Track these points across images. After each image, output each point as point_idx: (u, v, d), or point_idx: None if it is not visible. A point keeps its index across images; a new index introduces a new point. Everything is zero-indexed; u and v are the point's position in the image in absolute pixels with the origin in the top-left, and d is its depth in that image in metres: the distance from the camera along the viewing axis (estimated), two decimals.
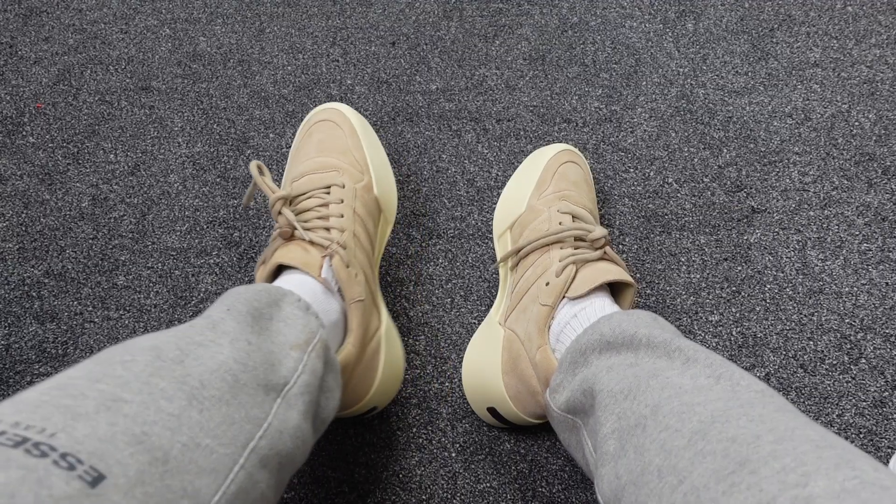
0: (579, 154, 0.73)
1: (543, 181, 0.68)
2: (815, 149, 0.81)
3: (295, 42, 0.93)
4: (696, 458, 0.35)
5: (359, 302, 0.54)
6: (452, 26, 0.93)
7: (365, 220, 0.60)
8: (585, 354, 0.50)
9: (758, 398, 0.38)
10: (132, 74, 0.90)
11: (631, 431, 0.41)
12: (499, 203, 0.71)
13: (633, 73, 0.88)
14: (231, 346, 0.39)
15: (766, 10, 0.94)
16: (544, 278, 0.59)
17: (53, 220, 0.78)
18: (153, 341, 0.37)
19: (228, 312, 0.42)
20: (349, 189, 0.59)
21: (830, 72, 0.88)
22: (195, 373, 0.35)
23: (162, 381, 0.33)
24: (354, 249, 0.56)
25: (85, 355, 0.69)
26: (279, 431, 0.38)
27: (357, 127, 0.67)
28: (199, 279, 0.74)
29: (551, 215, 0.63)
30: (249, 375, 0.38)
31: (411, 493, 0.62)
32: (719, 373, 0.41)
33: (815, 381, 0.67)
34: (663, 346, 0.45)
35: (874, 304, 0.71)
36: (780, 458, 0.32)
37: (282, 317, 0.46)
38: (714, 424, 0.36)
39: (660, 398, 0.40)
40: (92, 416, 0.30)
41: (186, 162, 0.82)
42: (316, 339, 0.46)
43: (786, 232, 0.76)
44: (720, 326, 0.70)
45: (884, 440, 0.64)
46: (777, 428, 0.34)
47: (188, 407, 0.33)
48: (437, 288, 0.73)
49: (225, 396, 0.35)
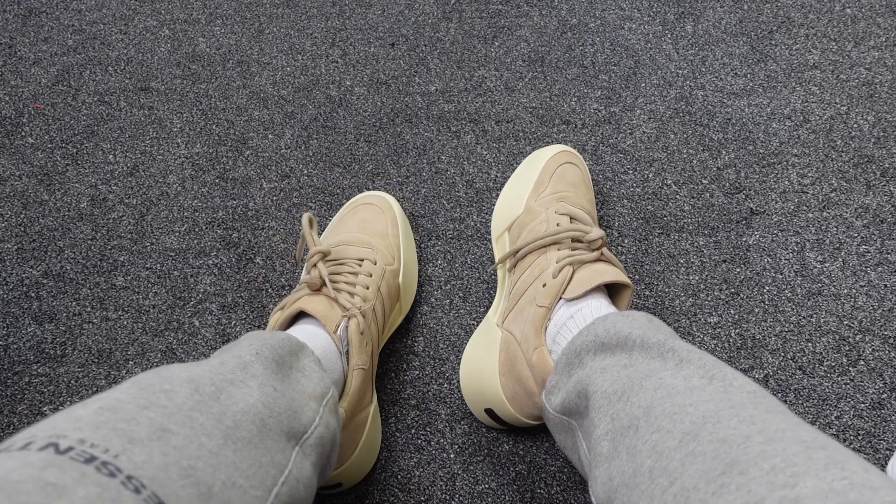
0: (577, 155, 0.73)
1: (541, 182, 0.68)
2: (814, 151, 0.81)
3: (294, 43, 0.93)
4: (687, 459, 0.35)
5: (361, 370, 0.56)
6: (452, 28, 0.94)
7: (385, 301, 0.63)
8: (580, 356, 0.50)
9: (749, 399, 0.38)
10: (131, 75, 0.90)
11: (624, 433, 0.40)
12: (497, 204, 0.71)
13: (632, 75, 0.88)
14: (259, 390, 0.39)
15: (765, 12, 0.94)
16: (541, 279, 0.59)
17: (52, 221, 0.78)
18: (188, 373, 0.37)
19: (257, 356, 0.42)
20: (379, 268, 0.63)
21: (829, 74, 0.88)
22: (229, 412, 0.35)
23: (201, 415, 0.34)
24: (370, 321, 0.59)
25: (83, 356, 0.69)
26: (297, 479, 0.38)
27: (398, 218, 0.71)
28: (197, 280, 0.74)
29: (549, 216, 0.63)
30: (275, 421, 0.38)
31: (410, 495, 0.62)
32: (712, 373, 0.41)
33: (814, 382, 0.67)
34: (657, 346, 0.45)
35: (873, 306, 0.71)
36: (769, 458, 0.32)
37: (300, 367, 0.47)
38: (705, 425, 0.36)
39: (652, 399, 0.40)
40: (146, 442, 0.30)
41: (185, 163, 0.82)
42: (329, 394, 0.48)
43: (784, 234, 0.76)
44: (719, 328, 0.70)
45: (882, 442, 0.64)
46: (768, 429, 0.34)
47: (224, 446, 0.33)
48: (435, 289, 0.73)
49: (254, 439, 0.35)
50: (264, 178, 0.81)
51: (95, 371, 0.69)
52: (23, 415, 0.66)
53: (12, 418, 0.66)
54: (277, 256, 0.75)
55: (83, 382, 0.68)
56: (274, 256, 0.75)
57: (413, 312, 0.72)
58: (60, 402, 0.67)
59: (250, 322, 0.71)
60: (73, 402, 0.67)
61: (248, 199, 0.79)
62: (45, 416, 0.66)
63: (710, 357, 0.43)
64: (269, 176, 0.81)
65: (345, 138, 0.84)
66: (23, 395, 0.67)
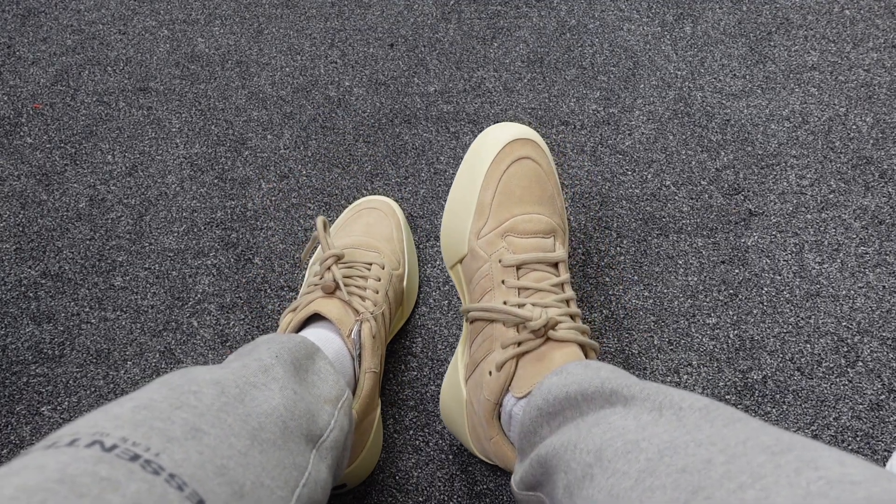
0: (533, 139, 0.60)
1: (482, 209, 0.59)
2: (813, 152, 0.82)
3: (293, 43, 0.93)
4: (645, 495, 0.33)
5: (373, 373, 0.56)
6: (451, 28, 0.94)
7: (391, 305, 0.63)
8: (536, 432, 0.48)
9: (703, 417, 0.36)
10: (130, 75, 0.90)
11: (579, 484, 0.38)
12: (442, 227, 0.63)
13: (631, 76, 0.88)
14: (281, 394, 0.40)
15: (763, 13, 0.94)
16: (488, 363, 0.54)
17: (51, 221, 0.78)
18: (212, 375, 0.38)
19: (277, 359, 0.43)
20: (387, 272, 0.63)
21: (828, 75, 0.88)
22: (254, 413, 0.36)
23: (229, 416, 0.34)
24: (380, 325, 0.59)
25: (81, 356, 0.69)
26: (315, 482, 0.39)
27: (402, 224, 0.71)
28: (196, 280, 0.74)
29: (493, 270, 0.56)
30: (296, 423, 0.39)
31: (408, 496, 0.62)
32: (659, 402, 0.39)
33: (812, 384, 0.67)
34: (598, 393, 0.43)
35: (871, 308, 0.71)
36: (734, 477, 0.30)
37: (315, 370, 0.47)
38: (662, 459, 0.34)
39: (602, 442, 0.38)
40: (182, 441, 0.31)
41: (184, 163, 0.82)
42: (344, 397, 0.48)
43: (783, 235, 0.76)
44: (717, 329, 0.70)
45: (880, 443, 0.64)
46: (728, 446, 0.33)
47: (251, 446, 0.34)
48: (434, 290, 0.73)
49: (278, 441, 0.36)
50: (263, 178, 0.81)
51: (94, 371, 0.69)
52: (21, 415, 0.66)
53: (10, 418, 0.66)
54: (276, 257, 0.75)
55: (81, 383, 0.68)
56: (273, 257, 0.75)
57: (412, 313, 0.72)
58: (59, 402, 0.67)
59: (249, 322, 0.71)
60: (71, 403, 0.67)
61: (247, 199, 0.79)
62: (44, 416, 0.66)
63: (654, 386, 0.41)
64: (267, 176, 0.81)
65: (343, 139, 0.84)
66: (21, 395, 0.67)
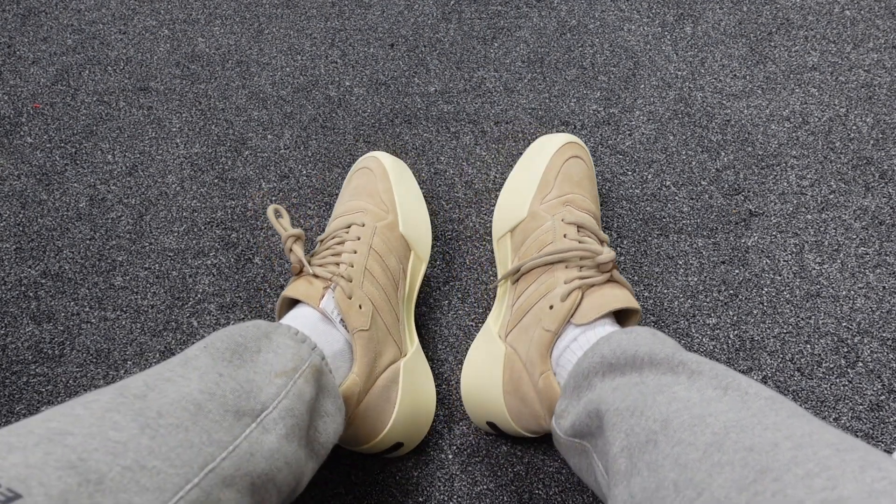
0: (583, 146, 0.70)
1: (546, 183, 0.65)
2: (813, 152, 0.82)
3: (293, 43, 0.93)
4: (714, 469, 0.34)
5: (362, 332, 0.56)
6: (451, 28, 0.94)
7: (384, 256, 0.63)
8: (588, 378, 0.49)
9: (769, 405, 0.38)
10: (130, 75, 0.90)
11: (642, 448, 0.40)
12: (498, 202, 0.69)
13: (632, 76, 0.88)
14: (199, 379, 0.42)
15: (764, 13, 0.94)
16: (548, 300, 0.57)
17: (51, 221, 0.78)
18: (126, 381, 0.41)
19: (205, 349, 0.45)
20: (369, 227, 0.63)
21: (828, 76, 0.88)
22: (154, 405, 0.39)
23: (117, 414, 0.37)
24: (362, 282, 0.59)
25: (81, 356, 0.69)
26: (249, 454, 0.41)
27: (390, 171, 0.70)
28: (196, 280, 0.74)
29: (555, 225, 0.61)
30: (216, 403, 0.41)
31: (408, 496, 0.62)
32: (726, 383, 0.41)
33: (812, 384, 0.67)
34: (666, 361, 0.44)
35: (871, 308, 0.71)
36: (802, 463, 0.31)
37: (272, 347, 0.49)
38: (729, 435, 0.36)
39: (668, 412, 0.40)
40: (30, 448, 0.33)
41: (184, 163, 0.82)
42: (305, 365, 0.49)
43: (783, 235, 0.76)
44: (717, 329, 0.70)
45: (880, 444, 0.64)
46: (794, 434, 0.34)
47: (139, 434, 0.36)
48: (434, 290, 0.73)
49: (185, 423, 0.38)
50: (263, 178, 0.81)
51: (94, 371, 0.69)
52: (21, 415, 0.66)
53: (10, 418, 0.66)
54: (276, 257, 0.75)
55: (81, 382, 0.68)
56: (273, 256, 0.75)
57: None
58: (59, 401, 0.67)
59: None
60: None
61: (247, 199, 0.79)
62: None
63: (721, 367, 0.43)
64: (267, 176, 0.81)
65: (344, 139, 0.84)
66: (21, 394, 0.67)
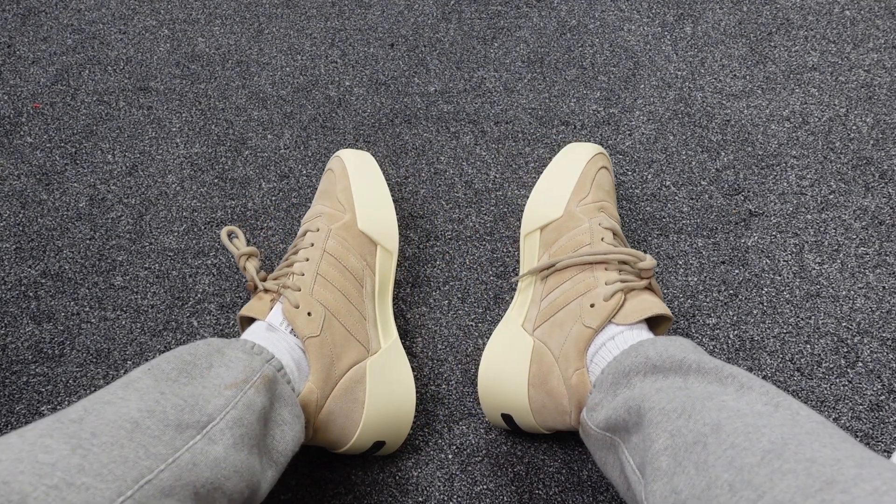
0: (609, 159, 0.72)
1: (582, 186, 0.66)
2: (813, 152, 0.82)
3: (293, 43, 0.93)
4: (775, 475, 0.34)
5: (312, 339, 0.57)
6: (451, 28, 0.94)
7: (341, 258, 0.63)
8: (629, 376, 0.50)
9: (822, 428, 0.38)
10: (130, 75, 0.90)
11: (689, 448, 0.40)
12: (531, 199, 0.68)
13: (632, 76, 0.88)
14: (139, 399, 0.43)
15: (764, 13, 0.94)
16: (589, 298, 0.57)
17: (51, 221, 0.78)
18: (67, 408, 0.42)
19: (149, 371, 0.47)
20: (322, 231, 0.64)
21: (828, 76, 0.88)
22: (89, 426, 0.40)
23: (50, 439, 0.38)
24: (312, 288, 0.60)
25: (81, 356, 0.69)
26: (192, 464, 0.42)
27: (349, 168, 0.70)
28: (196, 280, 0.74)
29: (593, 228, 0.62)
30: (155, 419, 0.42)
31: (408, 495, 0.62)
32: (777, 401, 0.41)
33: (812, 384, 0.67)
34: (714, 371, 0.45)
35: (871, 308, 0.71)
36: (868, 480, 0.32)
37: (224, 362, 0.50)
38: (787, 446, 0.36)
39: (719, 418, 0.40)
40: None
41: (184, 162, 0.82)
42: (256, 375, 0.50)
43: (783, 235, 0.76)
44: (717, 329, 0.70)
45: (880, 444, 0.64)
46: (854, 455, 0.34)
47: (70, 455, 0.37)
48: (434, 290, 0.73)
49: (121, 441, 0.40)
50: (263, 178, 0.81)
51: (94, 371, 0.69)
52: (21, 414, 0.66)
53: (10, 418, 0.66)
54: (276, 257, 0.75)
55: (81, 382, 0.68)
56: (272, 256, 0.75)
57: (411, 313, 0.72)
58: (58, 401, 0.67)
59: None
60: (71, 402, 0.67)
61: (247, 199, 0.79)
62: (44, 415, 0.66)
63: (771, 385, 0.43)
64: (267, 176, 0.81)
65: (344, 139, 0.84)
66: (21, 394, 0.67)
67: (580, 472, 0.63)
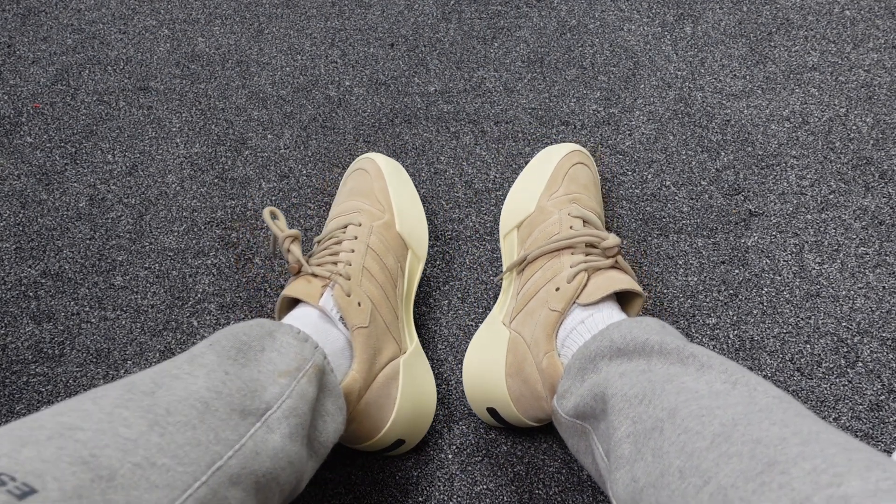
0: (589, 156, 0.72)
1: (554, 181, 0.68)
2: (813, 152, 0.82)
3: (293, 43, 0.93)
4: (721, 459, 0.35)
5: (361, 329, 0.56)
6: (451, 28, 0.94)
7: (382, 255, 0.63)
8: (595, 361, 0.50)
9: (776, 403, 0.38)
10: (130, 75, 0.90)
11: (647, 435, 0.41)
12: (506, 200, 0.70)
13: (632, 76, 0.88)
14: (206, 377, 0.42)
15: (764, 13, 0.94)
16: (554, 283, 0.58)
17: (51, 220, 0.78)
18: (133, 377, 0.41)
19: (211, 347, 0.45)
20: (365, 226, 0.64)
21: (828, 76, 0.88)
22: (163, 402, 0.39)
23: (126, 411, 0.37)
24: (360, 280, 0.59)
25: (81, 356, 0.69)
26: (255, 453, 0.41)
27: (385, 170, 0.70)
28: (196, 280, 0.74)
29: (562, 218, 0.63)
30: (223, 402, 0.41)
31: (408, 495, 0.62)
32: (735, 378, 0.41)
33: (812, 384, 0.67)
34: (676, 352, 0.45)
35: (871, 308, 0.71)
36: (809, 459, 0.32)
37: (275, 346, 0.49)
38: (736, 427, 0.36)
39: (676, 402, 0.40)
40: (42, 442, 0.33)
41: (184, 162, 0.82)
42: (308, 365, 0.49)
43: (783, 235, 0.76)
44: (717, 329, 0.70)
45: (880, 444, 0.64)
46: (801, 431, 0.34)
47: (148, 432, 0.36)
48: (434, 290, 0.73)
49: (193, 421, 0.39)
50: (263, 178, 0.81)
51: (94, 371, 0.69)
52: (21, 414, 0.66)
53: (10, 418, 0.66)
54: (276, 257, 0.75)
55: (81, 382, 0.68)
56: (272, 256, 0.75)
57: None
58: (59, 401, 0.67)
59: None
60: None
61: (247, 199, 0.79)
62: None
63: (730, 362, 0.43)
64: (267, 176, 0.81)
65: (344, 139, 0.84)
66: (21, 394, 0.67)
67: (580, 472, 0.63)
